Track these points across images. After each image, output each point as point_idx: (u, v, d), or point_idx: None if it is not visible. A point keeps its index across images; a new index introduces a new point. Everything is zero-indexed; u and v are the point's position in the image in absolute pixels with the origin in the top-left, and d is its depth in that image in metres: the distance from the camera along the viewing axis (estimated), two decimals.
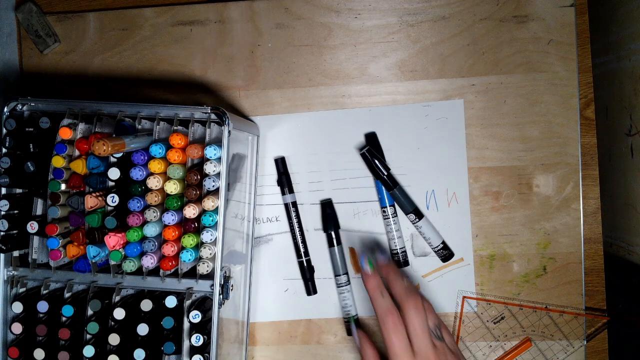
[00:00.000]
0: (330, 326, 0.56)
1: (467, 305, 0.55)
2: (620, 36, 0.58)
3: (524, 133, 0.54)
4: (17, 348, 0.46)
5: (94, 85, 0.57)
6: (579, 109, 0.54)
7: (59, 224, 0.44)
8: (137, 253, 0.44)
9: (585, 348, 0.54)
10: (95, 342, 0.45)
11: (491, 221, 0.55)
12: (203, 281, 0.45)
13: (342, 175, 0.55)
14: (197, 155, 0.44)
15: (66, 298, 0.45)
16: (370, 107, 0.55)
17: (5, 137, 0.45)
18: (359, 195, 0.55)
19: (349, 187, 0.55)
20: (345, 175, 0.55)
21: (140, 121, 0.46)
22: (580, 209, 0.54)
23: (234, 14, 0.56)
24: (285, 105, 0.56)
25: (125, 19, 0.56)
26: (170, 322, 0.43)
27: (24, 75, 0.57)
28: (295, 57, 0.56)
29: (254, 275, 0.55)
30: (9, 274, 0.47)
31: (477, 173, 0.55)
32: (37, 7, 0.56)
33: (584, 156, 0.54)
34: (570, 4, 0.54)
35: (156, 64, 0.56)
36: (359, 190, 0.55)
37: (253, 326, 0.56)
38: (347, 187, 0.55)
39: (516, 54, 0.54)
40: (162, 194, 0.44)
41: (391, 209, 0.54)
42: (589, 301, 0.55)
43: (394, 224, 0.54)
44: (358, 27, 0.55)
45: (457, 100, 0.55)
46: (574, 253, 0.54)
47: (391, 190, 0.52)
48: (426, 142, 0.55)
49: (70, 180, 0.44)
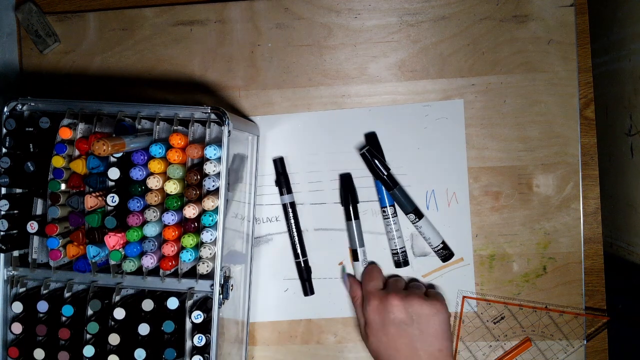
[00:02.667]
0: (330, 326, 0.56)
1: (467, 305, 0.55)
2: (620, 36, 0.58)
3: (524, 133, 0.54)
4: (17, 348, 0.46)
5: (94, 85, 0.57)
6: (579, 109, 0.54)
7: (59, 224, 0.44)
8: (137, 253, 0.44)
9: (585, 348, 0.54)
10: (95, 342, 0.45)
11: (491, 221, 0.55)
12: (203, 281, 0.45)
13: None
14: (197, 155, 0.44)
15: (66, 298, 0.45)
16: (370, 107, 0.55)
17: (5, 137, 0.45)
18: (359, 195, 0.55)
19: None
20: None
21: (140, 121, 0.46)
22: (580, 209, 0.54)
23: (234, 14, 0.56)
24: (285, 105, 0.56)
25: (125, 19, 0.56)
26: (170, 326, 0.43)
27: (24, 75, 0.57)
28: (295, 57, 0.56)
29: (253, 275, 0.55)
30: (9, 273, 0.47)
31: (477, 173, 0.55)
32: (37, 7, 0.56)
33: (584, 156, 0.54)
34: (570, 4, 0.54)
35: (156, 64, 0.56)
36: (359, 190, 0.55)
37: (253, 326, 0.56)
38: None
39: (516, 54, 0.54)
40: (162, 194, 0.44)
41: (391, 208, 0.54)
42: (589, 301, 0.55)
43: (394, 224, 0.54)
44: (358, 27, 0.55)
45: (457, 100, 0.55)
46: (574, 253, 0.54)
47: (391, 190, 0.52)
48: (426, 142, 0.55)
49: (70, 180, 0.44)
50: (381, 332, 0.47)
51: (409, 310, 0.47)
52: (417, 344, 0.46)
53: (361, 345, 0.55)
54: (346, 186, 0.54)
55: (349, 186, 0.54)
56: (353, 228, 0.54)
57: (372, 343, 0.48)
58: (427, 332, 0.46)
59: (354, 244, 0.54)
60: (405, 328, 0.46)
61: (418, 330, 0.46)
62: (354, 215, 0.54)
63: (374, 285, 0.50)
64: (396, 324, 0.46)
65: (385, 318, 0.47)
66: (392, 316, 0.47)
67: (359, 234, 0.54)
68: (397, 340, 0.46)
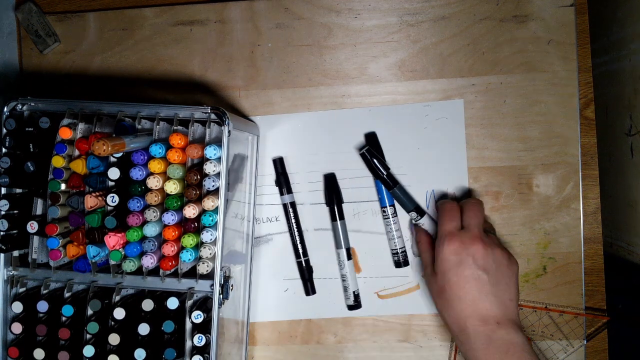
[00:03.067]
0: (330, 326, 0.56)
1: None
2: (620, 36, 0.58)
3: (524, 133, 0.54)
4: (17, 348, 0.46)
5: (94, 85, 0.57)
6: (579, 109, 0.54)
7: (59, 224, 0.44)
8: (137, 253, 0.44)
9: (585, 348, 0.54)
10: (95, 342, 0.45)
11: (491, 221, 0.55)
12: (203, 281, 0.45)
13: (341, 175, 0.55)
14: (197, 155, 0.44)
15: (66, 298, 0.45)
16: (370, 107, 0.55)
17: (5, 137, 0.45)
18: (358, 195, 0.55)
19: (348, 187, 0.55)
20: (345, 175, 0.55)
21: (140, 121, 0.46)
22: (580, 208, 0.54)
23: (234, 14, 0.56)
24: (285, 105, 0.56)
25: (125, 19, 0.56)
26: (170, 325, 0.43)
27: (24, 75, 0.57)
28: (295, 57, 0.56)
29: (254, 275, 0.55)
30: (9, 273, 0.47)
31: (477, 173, 0.55)
32: (37, 7, 0.56)
33: (584, 156, 0.54)
34: (570, 4, 0.54)
35: (156, 64, 0.56)
36: (359, 190, 0.55)
37: (253, 326, 0.56)
38: (346, 187, 0.55)
39: (516, 54, 0.54)
40: (162, 194, 0.44)
41: (391, 208, 0.54)
42: (588, 301, 0.55)
43: (394, 224, 0.54)
44: (358, 27, 0.55)
45: (457, 100, 0.55)
46: (574, 253, 0.54)
47: (391, 190, 0.52)
48: (426, 142, 0.55)
49: (70, 180, 0.44)
50: (453, 271, 0.46)
51: (490, 258, 0.46)
52: (489, 289, 0.46)
53: (361, 345, 0.55)
54: (330, 186, 0.54)
55: (333, 186, 0.54)
56: (338, 228, 0.54)
57: (438, 280, 0.48)
58: (502, 280, 0.46)
59: (339, 244, 0.54)
60: (481, 274, 0.46)
61: (495, 278, 0.46)
62: (339, 216, 0.54)
63: (455, 226, 0.49)
64: (473, 269, 0.46)
65: (464, 260, 0.46)
66: (471, 260, 0.46)
67: (344, 234, 0.54)
68: (469, 283, 0.46)
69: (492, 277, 0.46)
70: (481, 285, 0.46)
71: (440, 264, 0.48)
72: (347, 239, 0.55)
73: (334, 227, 0.54)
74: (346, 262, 0.54)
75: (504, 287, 0.46)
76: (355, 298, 0.54)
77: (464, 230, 0.48)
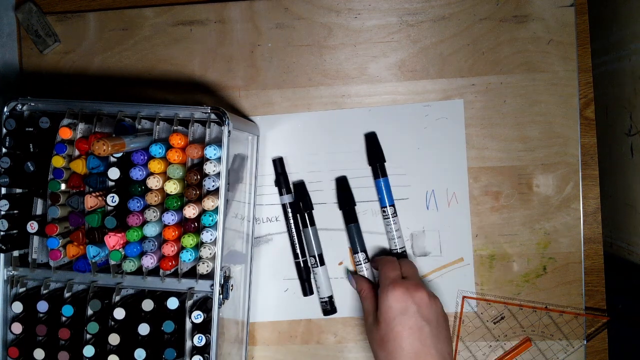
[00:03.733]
0: (330, 326, 0.56)
1: (467, 305, 0.55)
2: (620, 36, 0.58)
3: (524, 133, 0.54)
4: (17, 348, 0.46)
5: (94, 85, 0.57)
6: (579, 109, 0.54)
7: (59, 224, 0.44)
8: (137, 253, 0.44)
9: (585, 348, 0.54)
10: (95, 342, 0.45)
11: (491, 221, 0.55)
12: (203, 281, 0.45)
13: (341, 175, 0.55)
14: (197, 155, 0.44)
15: (66, 298, 0.45)
16: (370, 107, 0.55)
17: (5, 137, 0.45)
18: (358, 195, 0.55)
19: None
20: (345, 175, 0.55)
21: (140, 121, 0.46)
22: (580, 208, 0.54)
23: (234, 14, 0.56)
24: (285, 105, 0.56)
25: (125, 19, 0.56)
26: (170, 326, 0.43)
27: (24, 75, 0.57)
28: (295, 57, 0.56)
29: (253, 275, 0.55)
30: (9, 273, 0.47)
31: (477, 173, 0.55)
32: (37, 7, 0.56)
33: (584, 156, 0.54)
34: (570, 4, 0.54)
35: (156, 64, 0.56)
36: (359, 190, 0.55)
37: (253, 326, 0.56)
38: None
39: (516, 54, 0.54)
40: (162, 194, 0.44)
41: (391, 208, 0.54)
42: (589, 301, 0.55)
43: (393, 224, 0.54)
44: (358, 27, 0.55)
45: (457, 100, 0.55)
46: (574, 253, 0.54)
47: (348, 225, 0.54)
48: (426, 142, 0.55)
49: (70, 180, 0.44)
50: (397, 320, 0.45)
51: (433, 309, 0.46)
52: (431, 341, 0.45)
53: (361, 345, 0.55)
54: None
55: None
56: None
57: (381, 330, 0.46)
58: (441, 333, 0.46)
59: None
60: (424, 325, 0.45)
61: (436, 330, 0.46)
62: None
63: (398, 275, 0.49)
64: (417, 318, 0.45)
65: (409, 308, 0.46)
66: (416, 309, 0.45)
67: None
68: (413, 335, 0.45)
69: (433, 328, 0.45)
70: (424, 337, 0.45)
71: (384, 312, 0.46)
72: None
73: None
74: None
75: (444, 340, 0.46)
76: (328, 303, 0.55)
77: (407, 278, 0.49)
